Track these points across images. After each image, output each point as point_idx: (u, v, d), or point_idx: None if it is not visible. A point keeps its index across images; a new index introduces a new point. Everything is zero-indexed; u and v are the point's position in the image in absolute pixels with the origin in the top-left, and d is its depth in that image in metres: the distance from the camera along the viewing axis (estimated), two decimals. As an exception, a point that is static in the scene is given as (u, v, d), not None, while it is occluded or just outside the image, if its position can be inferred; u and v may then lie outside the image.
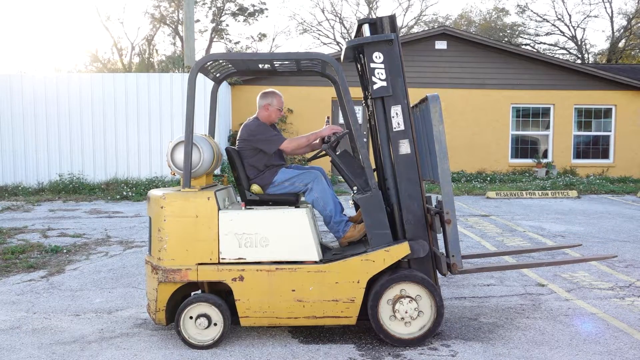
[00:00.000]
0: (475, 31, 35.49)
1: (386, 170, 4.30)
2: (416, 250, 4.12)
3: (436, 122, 4.09)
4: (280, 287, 4.03)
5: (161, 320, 4.17)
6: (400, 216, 4.22)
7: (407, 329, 4.08)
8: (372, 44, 4.15)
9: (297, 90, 16.08)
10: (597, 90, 16.77)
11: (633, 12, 33.59)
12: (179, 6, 32.31)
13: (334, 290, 4.04)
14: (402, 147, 4.18)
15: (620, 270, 6.26)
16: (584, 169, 16.80)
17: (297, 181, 4.48)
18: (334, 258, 4.15)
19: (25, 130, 13.82)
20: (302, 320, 4.08)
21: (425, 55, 16.41)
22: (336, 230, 4.49)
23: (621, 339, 4.22)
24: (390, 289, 4.05)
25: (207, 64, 4.39)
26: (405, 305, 4.03)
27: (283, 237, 4.10)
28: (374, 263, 4.05)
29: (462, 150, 16.60)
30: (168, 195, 4.09)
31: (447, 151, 4.08)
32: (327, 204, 4.43)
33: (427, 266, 4.26)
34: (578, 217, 10.04)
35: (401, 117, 4.20)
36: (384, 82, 4.18)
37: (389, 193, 4.33)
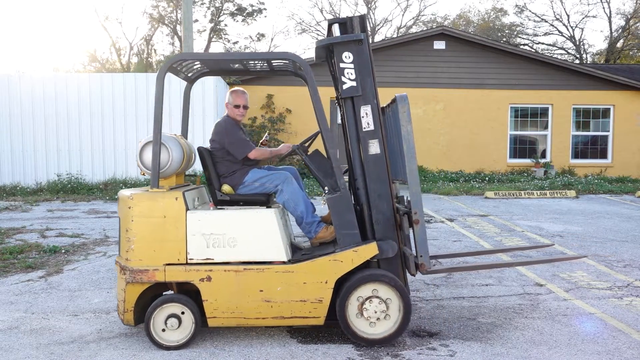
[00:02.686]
0: (474, 31, 35.51)
1: (356, 170, 4.30)
2: (385, 250, 4.12)
3: (404, 122, 4.07)
4: (248, 287, 4.03)
5: (129, 321, 4.14)
6: (369, 216, 4.22)
7: (375, 329, 4.08)
8: (341, 44, 4.15)
9: (296, 90, 16.07)
10: (596, 91, 16.79)
11: (631, 12, 33.66)
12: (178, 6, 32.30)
13: (302, 290, 4.04)
14: (371, 147, 4.19)
15: (618, 270, 6.27)
16: (582, 169, 16.82)
17: (267, 182, 4.47)
18: (302, 258, 4.14)
19: (24, 130, 13.81)
20: (270, 320, 4.07)
21: (424, 55, 16.42)
22: (308, 230, 4.48)
23: (619, 339, 4.23)
24: (358, 289, 4.05)
25: (176, 63, 4.37)
26: (374, 306, 4.04)
27: (251, 237, 4.09)
28: (342, 263, 4.05)
29: (460, 150, 16.61)
30: (136, 195, 4.08)
31: (415, 151, 4.08)
32: (298, 204, 4.42)
33: (396, 266, 4.25)
34: (576, 217, 10.05)
35: (371, 117, 4.20)
36: (353, 82, 4.18)
37: (358, 193, 4.31)
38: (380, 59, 16.29)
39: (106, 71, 30.20)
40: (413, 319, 4.68)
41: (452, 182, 14.88)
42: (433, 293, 5.41)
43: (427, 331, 4.40)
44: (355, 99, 4.22)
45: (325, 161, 4.52)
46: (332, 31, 4.28)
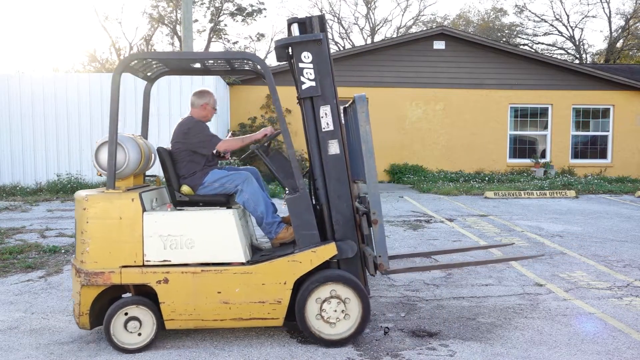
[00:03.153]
0: (474, 31, 35.52)
1: (315, 171, 4.27)
2: (344, 250, 4.11)
3: (363, 122, 4.05)
4: (206, 289, 3.99)
5: (85, 325, 4.06)
6: (329, 216, 4.21)
7: (334, 330, 4.07)
8: (300, 44, 4.13)
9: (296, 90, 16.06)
10: (595, 91, 16.79)
11: (631, 13, 33.67)
12: (177, 6, 32.30)
13: (260, 291, 4.01)
14: (331, 147, 4.18)
15: (618, 270, 6.27)
16: (582, 168, 16.82)
17: (227, 182, 4.43)
18: (260, 259, 4.12)
19: (23, 130, 13.80)
20: (228, 322, 4.04)
21: (424, 55, 16.43)
22: (268, 231, 4.45)
23: (619, 339, 4.23)
24: (317, 289, 4.03)
25: (133, 62, 4.30)
26: (333, 306, 4.03)
27: (209, 238, 4.04)
28: (301, 264, 4.03)
29: (460, 150, 16.61)
30: (91, 197, 4.02)
31: (373, 151, 4.07)
32: (258, 205, 4.39)
33: (356, 267, 4.24)
34: (576, 217, 10.05)
35: (330, 117, 4.18)
36: (312, 82, 4.16)
37: (318, 193, 4.29)
38: (380, 59, 16.30)
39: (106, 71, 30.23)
40: (413, 318, 4.68)
41: (451, 182, 14.88)
42: (433, 293, 5.41)
43: (426, 331, 4.40)
44: (314, 99, 4.19)
45: (286, 162, 4.48)
46: (292, 31, 4.23)
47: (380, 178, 16.40)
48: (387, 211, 10.57)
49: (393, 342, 4.19)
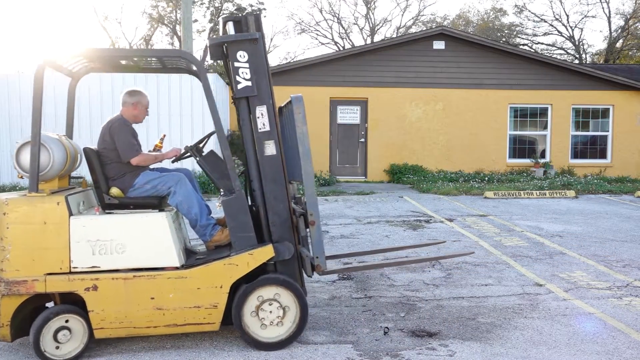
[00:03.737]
0: (473, 31, 35.53)
1: (251, 172, 4.21)
2: (281, 252, 4.06)
3: (300, 123, 3.99)
4: (138, 295, 3.86)
5: (5, 337, 3.82)
6: (265, 218, 4.15)
7: (271, 333, 4.02)
8: (236, 43, 4.04)
9: (295, 90, 16.06)
10: (595, 91, 16.80)
11: (630, 12, 33.68)
12: (177, 6, 32.30)
13: (196, 296, 3.91)
14: (267, 148, 4.12)
15: (617, 270, 6.27)
16: (581, 168, 16.83)
17: (159, 184, 4.29)
18: (195, 263, 4.01)
19: (23, 130, 13.80)
20: (162, 329, 3.93)
21: (423, 55, 16.43)
22: (202, 234, 4.35)
23: (619, 339, 4.23)
24: (254, 292, 3.97)
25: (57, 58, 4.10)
26: (270, 309, 3.98)
27: (141, 242, 3.91)
28: (238, 267, 3.95)
29: (460, 150, 16.62)
30: (11, 200, 3.79)
31: (310, 152, 4.00)
32: (192, 207, 4.27)
33: (293, 268, 4.19)
34: (576, 217, 10.06)
35: (266, 118, 4.11)
36: (248, 82, 4.07)
37: (254, 195, 4.23)
38: (379, 59, 16.30)
39: (105, 71, 30.15)
40: (412, 318, 4.68)
41: (451, 182, 14.89)
42: (432, 293, 5.41)
43: (426, 331, 4.40)
44: (250, 99, 4.11)
45: (220, 162, 4.41)
46: (227, 29, 4.14)
47: (380, 178, 16.41)
48: (386, 211, 10.57)
49: (393, 342, 4.19)
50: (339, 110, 16.42)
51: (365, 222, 9.36)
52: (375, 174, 16.45)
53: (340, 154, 16.62)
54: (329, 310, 4.90)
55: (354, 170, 16.65)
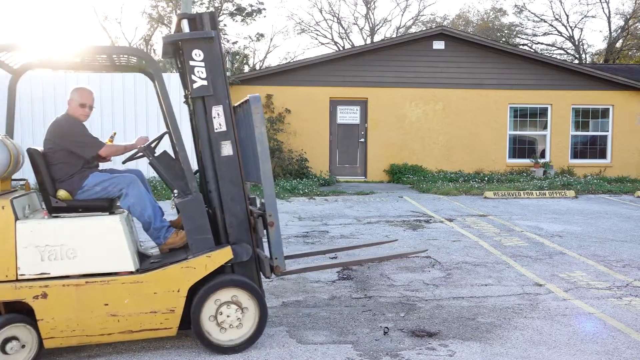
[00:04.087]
0: (473, 31, 35.53)
1: (208, 173, 4.12)
2: (239, 254, 4.01)
3: (258, 123, 3.95)
4: (91, 302, 3.72)
5: None
6: (222, 219, 4.08)
7: (230, 336, 3.95)
8: (191, 41, 3.96)
9: (296, 90, 16.08)
10: (595, 91, 16.79)
11: (630, 12, 33.67)
12: (177, 6, 32.30)
13: (152, 301, 3.81)
14: (224, 148, 4.05)
15: (617, 270, 6.28)
16: (581, 169, 16.82)
17: (110, 186, 4.13)
18: (151, 267, 3.89)
19: (23, 130, 13.79)
20: (116, 336, 3.81)
21: (423, 55, 16.42)
22: (156, 236, 4.22)
23: (618, 339, 4.23)
24: (212, 295, 3.89)
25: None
26: (229, 312, 3.91)
27: (93, 247, 3.77)
28: (195, 270, 3.87)
29: (460, 150, 16.61)
30: None
31: (269, 153, 3.98)
32: (145, 209, 4.13)
33: (251, 270, 4.15)
34: (575, 217, 10.06)
35: (223, 118, 4.04)
36: (204, 81, 3.99)
37: (211, 196, 4.14)
38: (379, 59, 16.30)
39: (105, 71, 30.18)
40: (412, 318, 4.68)
41: (451, 182, 14.89)
42: (432, 293, 5.41)
43: (426, 331, 4.40)
44: (206, 98, 4.03)
45: (174, 163, 4.32)
46: (182, 27, 4.05)
47: (379, 178, 16.40)
48: (386, 211, 10.57)
49: (393, 342, 4.19)
50: (339, 110, 16.42)
51: (365, 222, 9.36)
52: (375, 174, 16.45)
53: (340, 154, 16.62)
54: (329, 310, 4.90)
55: (353, 170, 16.65)
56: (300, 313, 4.83)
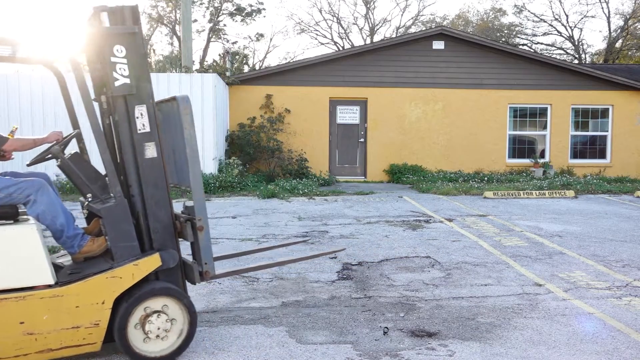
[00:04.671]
0: (473, 31, 35.54)
1: (130, 176, 3.87)
2: (166, 260, 3.83)
3: (187, 124, 3.79)
4: (5, 320, 3.36)
5: None
6: (146, 225, 3.88)
7: (159, 346, 3.76)
8: (113, 36, 3.71)
9: (296, 90, 16.09)
10: (595, 91, 16.80)
11: (630, 13, 33.69)
12: (177, 6, 32.29)
13: (74, 315, 3.51)
14: (147, 150, 3.84)
15: (617, 270, 6.28)
16: (581, 168, 16.83)
17: (15, 192, 3.70)
18: (72, 279, 3.59)
19: (22, 130, 13.78)
20: (33, 356, 3.46)
21: (423, 55, 16.43)
22: (70, 245, 3.86)
23: (618, 339, 4.23)
24: (140, 305, 3.67)
25: None
26: (157, 322, 3.71)
27: (6, 260, 3.43)
28: (122, 280, 3.62)
29: (459, 150, 16.62)
30: None
31: (198, 155, 3.84)
32: (57, 217, 3.76)
33: (176, 276, 3.98)
34: (575, 217, 10.06)
35: (146, 118, 3.82)
36: (126, 79, 3.75)
37: (133, 200, 3.89)
38: (379, 59, 16.30)
39: (105, 71, 30.15)
40: (412, 318, 4.68)
41: (451, 182, 14.89)
42: (432, 293, 5.41)
43: (426, 331, 4.40)
44: (128, 97, 3.78)
45: (87, 165, 4.05)
46: (101, 20, 3.83)
47: (379, 178, 16.40)
48: (386, 211, 10.57)
49: (392, 342, 4.19)
50: (339, 110, 16.42)
51: (364, 222, 9.36)
52: (374, 174, 16.46)
53: (339, 154, 16.62)
54: (329, 310, 4.90)
55: (353, 170, 16.65)
56: (300, 313, 4.83)
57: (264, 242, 7.67)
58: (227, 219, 9.57)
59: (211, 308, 4.96)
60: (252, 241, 7.71)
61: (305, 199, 12.28)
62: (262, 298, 5.24)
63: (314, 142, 16.21)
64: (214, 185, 12.96)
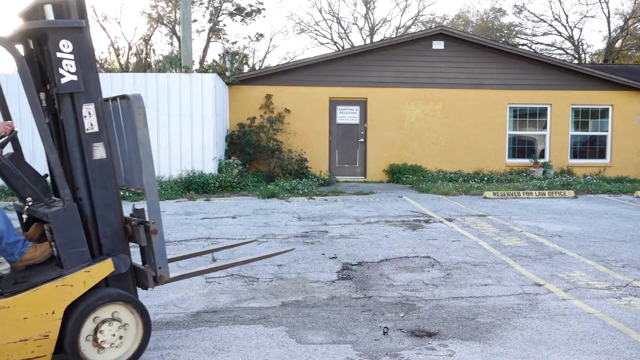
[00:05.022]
0: (473, 31, 35.55)
1: (78, 178, 3.67)
2: (117, 266, 3.68)
3: (141, 124, 3.66)
4: None
5: None
6: (95, 229, 3.70)
7: (115, 354, 3.61)
8: (59, 30, 3.50)
9: (295, 90, 16.08)
10: (594, 91, 16.81)
11: (630, 13, 33.69)
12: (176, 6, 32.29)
13: (22, 328, 3.31)
14: (96, 151, 3.66)
15: (617, 270, 6.28)
16: (581, 168, 16.83)
17: None
18: (19, 289, 3.39)
19: (22, 130, 13.78)
20: None
21: (423, 55, 16.43)
22: (10, 253, 3.64)
23: (618, 339, 4.23)
24: (92, 314, 3.50)
25: None
26: (110, 330, 3.56)
27: None
28: (73, 288, 3.45)
29: (459, 150, 16.62)
30: None
31: (152, 156, 3.72)
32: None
33: (127, 282, 3.83)
34: (575, 216, 10.06)
35: (94, 117, 3.65)
36: (74, 76, 3.55)
37: (81, 204, 3.68)
38: (379, 59, 16.30)
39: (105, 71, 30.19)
40: (412, 318, 4.68)
41: (450, 182, 14.89)
42: (432, 293, 5.41)
43: (426, 331, 4.40)
44: (75, 95, 3.59)
45: (27, 166, 3.88)
46: (45, 13, 3.58)
47: (379, 178, 16.40)
48: (386, 211, 10.57)
49: (392, 342, 4.19)
50: (339, 110, 16.42)
51: (364, 222, 9.36)
52: (374, 174, 16.46)
53: (339, 154, 16.62)
54: (329, 310, 4.90)
55: (353, 170, 16.65)
56: (300, 313, 4.83)
57: (264, 241, 7.67)
58: (227, 218, 9.57)
59: (211, 308, 4.96)
60: (252, 241, 7.70)
61: (305, 199, 12.28)
62: (262, 298, 5.24)
63: (314, 142, 16.21)
64: (214, 185, 12.97)
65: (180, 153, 13.68)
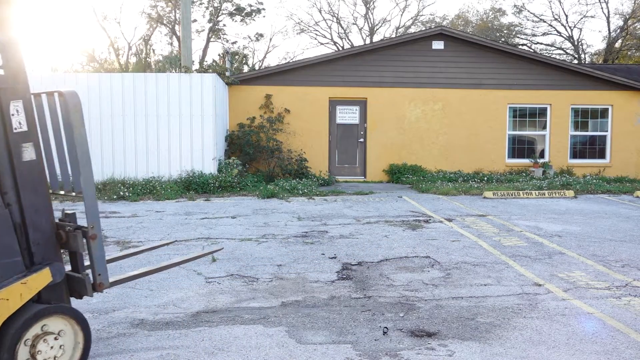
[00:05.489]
0: (472, 31, 35.55)
1: (5, 182, 3.39)
2: (53, 275, 3.46)
3: (77, 123, 3.49)
4: None
5: None
6: (25, 236, 3.44)
7: None
8: None
9: (295, 90, 16.08)
10: (594, 91, 16.81)
11: (629, 13, 33.71)
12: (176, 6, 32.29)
13: None
14: (25, 152, 3.43)
15: (616, 270, 6.28)
16: (580, 168, 16.84)
17: None
18: None
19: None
20: None
21: (422, 55, 16.43)
22: None
23: (618, 339, 4.23)
24: (30, 328, 3.28)
25: None
26: (49, 344, 3.36)
27: None
28: (8, 302, 3.19)
29: (459, 150, 16.62)
30: None
31: (89, 157, 3.56)
32: None
33: (60, 291, 3.62)
34: (575, 216, 10.06)
35: (23, 116, 3.42)
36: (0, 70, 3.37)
37: (10, 210, 3.42)
38: (379, 59, 16.30)
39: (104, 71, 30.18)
40: (412, 318, 4.68)
41: (450, 182, 14.89)
42: (432, 293, 5.41)
43: (425, 331, 4.40)
44: (2, 91, 3.35)
45: None
46: None
47: (379, 178, 16.40)
48: (385, 211, 10.57)
49: (392, 342, 4.19)
50: (338, 110, 16.42)
51: (364, 222, 9.36)
52: (374, 174, 16.46)
53: (339, 154, 16.62)
54: (328, 310, 4.90)
55: (353, 170, 16.65)
56: (300, 313, 4.83)
57: (264, 241, 7.67)
58: (227, 219, 9.57)
59: (211, 308, 4.96)
60: (252, 241, 7.71)
61: (305, 199, 12.28)
62: (262, 298, 5.24)
63: (314, 142, 16.21)
64: (214, 185, 12.97)
65: (180, 153, 13.69)
